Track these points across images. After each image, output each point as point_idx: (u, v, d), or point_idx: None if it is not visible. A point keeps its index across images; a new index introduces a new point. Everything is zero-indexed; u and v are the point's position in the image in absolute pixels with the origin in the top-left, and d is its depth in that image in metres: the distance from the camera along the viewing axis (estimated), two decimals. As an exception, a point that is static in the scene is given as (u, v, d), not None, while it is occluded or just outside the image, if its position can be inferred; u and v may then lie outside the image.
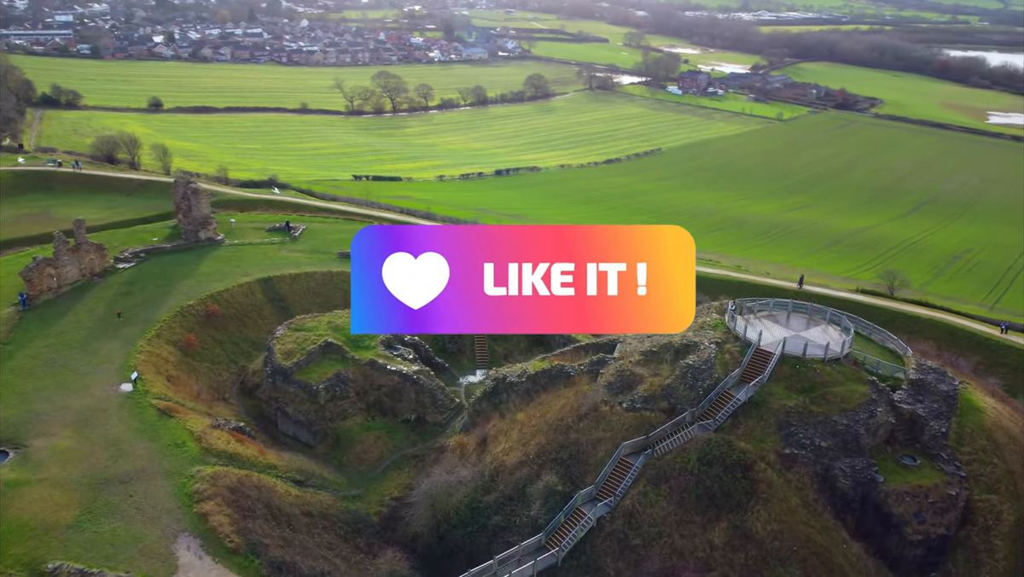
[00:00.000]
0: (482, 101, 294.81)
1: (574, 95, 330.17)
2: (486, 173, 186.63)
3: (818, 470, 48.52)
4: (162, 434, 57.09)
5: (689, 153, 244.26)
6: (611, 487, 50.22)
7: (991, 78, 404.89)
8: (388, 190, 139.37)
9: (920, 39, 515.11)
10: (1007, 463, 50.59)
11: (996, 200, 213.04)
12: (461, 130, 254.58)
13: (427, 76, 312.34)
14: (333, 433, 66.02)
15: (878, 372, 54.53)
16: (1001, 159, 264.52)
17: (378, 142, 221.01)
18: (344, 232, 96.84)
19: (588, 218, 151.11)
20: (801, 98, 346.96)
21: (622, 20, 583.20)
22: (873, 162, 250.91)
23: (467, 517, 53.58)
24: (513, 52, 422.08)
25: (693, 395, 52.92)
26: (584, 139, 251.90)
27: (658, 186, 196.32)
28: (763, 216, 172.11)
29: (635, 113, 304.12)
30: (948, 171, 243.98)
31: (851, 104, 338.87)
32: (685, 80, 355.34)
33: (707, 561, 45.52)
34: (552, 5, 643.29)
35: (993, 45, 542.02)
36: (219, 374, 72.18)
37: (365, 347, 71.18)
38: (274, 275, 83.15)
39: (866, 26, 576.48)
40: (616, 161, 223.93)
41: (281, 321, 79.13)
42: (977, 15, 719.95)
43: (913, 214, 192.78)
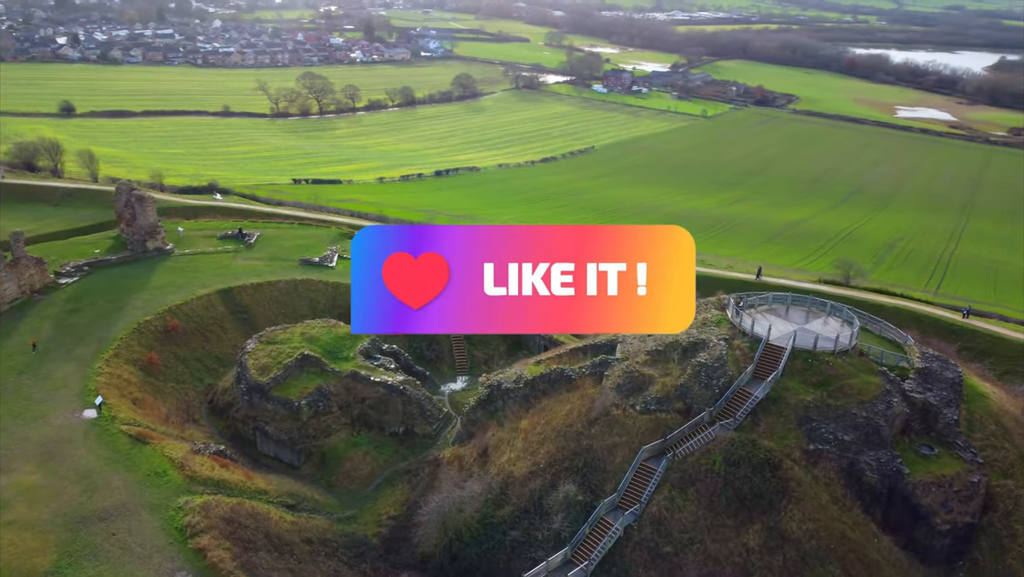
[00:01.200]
0: (410, 102, 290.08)
1: (502, 95, 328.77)
2: (426, 174, 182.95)
3: (843, 465, 47.86)
4: (139, 463, 52.30)
5: (621, 150, 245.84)
6: (634, 494, 48.38)
7: (895, 74, 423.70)
8: (331, 193, 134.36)
9: (826, 37, 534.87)
10: (1018, 447, 51.12)
11: (915, 190, 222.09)
12: (391, 131, 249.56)
13: (351, 77, 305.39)
14: (318, 451, 62.16)
15: (882, 362, 54.43)
16: (913, 151, 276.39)
17: (308, 145, 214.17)
18: (302, 238, 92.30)
19: (536, 217, 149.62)
20: (722, 95, 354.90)
21: (540, 20, 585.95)
22: (798, 156, 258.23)
23: (480, 534, 50.85)
24: (436, 52, 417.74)
25: (709, 394, 51.58)
26: (518, 138, 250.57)
27: (598, 183, 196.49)
28: (704, 211, 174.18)
29: (564, 112, 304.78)
30: (868, 163, 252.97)
31: (770, 101, 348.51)
32: (609, 79, 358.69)
33: (744, 566, 44.17)
34: (470, 5, 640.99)
35: (892, 43, 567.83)
36: (185, 394, 67.17)
37: (344, 358, 67.48)
38: (234, 285, 78.18)
39: (775, 25, 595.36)
40: (552, 160, 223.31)
41: (245, 334, 74.69)
42: (875, 14, 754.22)
43: (843, 205, 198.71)
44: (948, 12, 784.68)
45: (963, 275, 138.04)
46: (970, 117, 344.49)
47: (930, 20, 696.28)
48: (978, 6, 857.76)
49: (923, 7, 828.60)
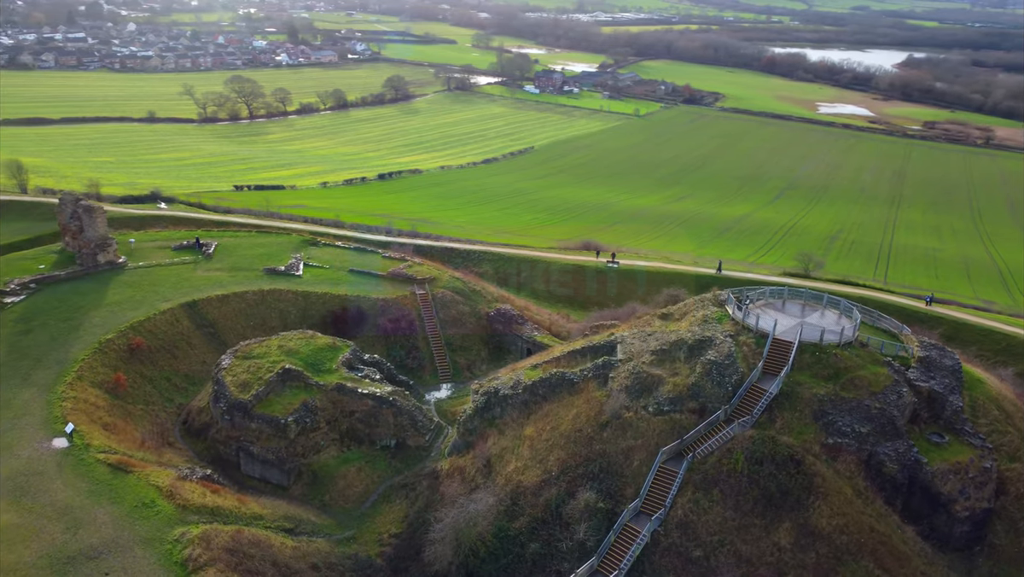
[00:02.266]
0: (342, 104, 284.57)
1: (434, 96, 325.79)
2: (369, 178, 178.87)
3: (862, 457, 47.75)
4: (123, 494, 48.41)
5: (560, 150, 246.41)
6: (656, 498, 47.21)
7: (813, 72, 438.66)
8: (279, 199, 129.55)
9: (745, 37, 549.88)
10: (1021, 430, 52.11)
11: (844, 183, 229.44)
12: (326, 135, 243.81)
13: (279, 80, 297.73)
14: (308, 470, 59.01)
15: (882, 352, 54.78)
16: (837, 145, 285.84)
17: (242, 150, 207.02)
18: (262, 246, 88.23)
19: (488, 218, 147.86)
20: (651, 94, 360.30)
21: (466, 22, 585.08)
22: (730, 152, 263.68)
23: (497, 548, 48.85)
24: (364, 54, 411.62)
25: (722, 392, 50.85)
26: (456, 140, 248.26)
27: (542, 183, 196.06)
28: (651, 209, 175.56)
29: (499, 113, 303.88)
30: (797, 158, 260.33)
31: (698, 99, 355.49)
32: (541, 79, 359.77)
33: (778, 566, 43.48)
34: (394, 7, 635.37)
35: (807, 42, 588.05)
36: (156, 416, 62.84)
37: (327, 370, 64.41)
38: (198, 299, 73.89)
39: (695, 26, 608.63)
40: (494, 160, 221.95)
41: (214, 350, 70.85)
42: (788, 15, 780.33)
43: (779, 200, 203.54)
44: (855, 12, 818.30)
45: (905, 264, 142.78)
46: (886, 112, 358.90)
47: (840, 20, 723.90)
48: (882, 7, 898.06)
49: (831, 8, 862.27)
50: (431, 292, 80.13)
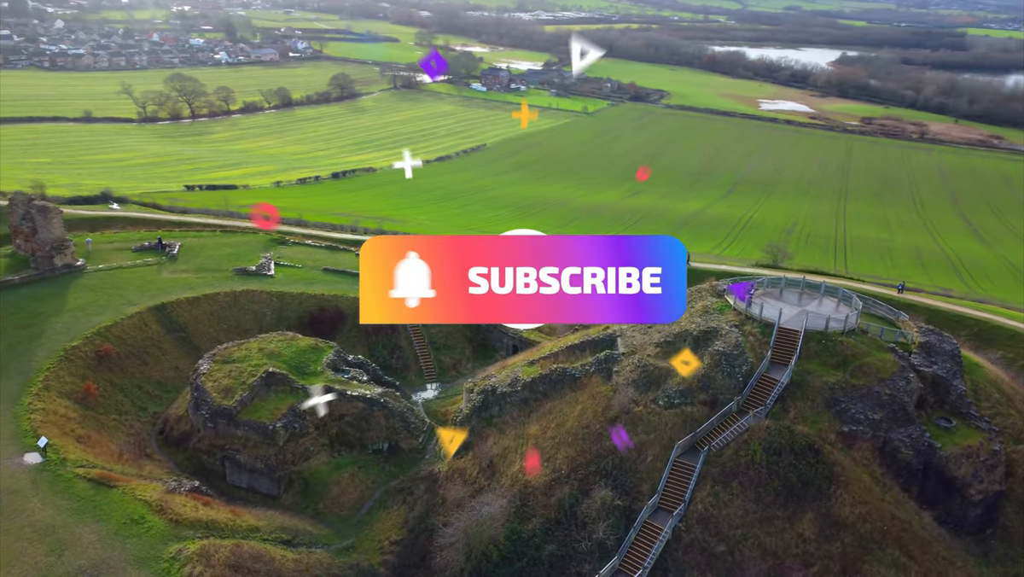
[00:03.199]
0: (287, 103, 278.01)
1: (381, 95, 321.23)
2: (323, 176, 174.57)
3: (876, 444, 47.46)
4: (109, 511, 45.15)
5: (513, 147, 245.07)
6: (674, 493, 46.11)
7: (753, 69, 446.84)
8: (235, 199, 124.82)
9: (685, 36, 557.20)
10: (1021, 412, 52.60)
11: (792, 178, 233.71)
12: (273, 134, 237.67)
13: (219, 79, 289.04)
14: (299, 478, 56.29)
15: (883, 338, 54.78)
16: (782, 141, 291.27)
17: (187, 150, 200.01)
18: (229, 246, 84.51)
19: (451, 215, 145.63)
20: (597, 92, 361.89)
21: (406, 20, 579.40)
22: (680, 148, 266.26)
23: (510, 551, 47.11)
24: (305, 52, 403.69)
25: (733, 383, 50.08)
26: (406, 138, 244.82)
27: (499, 181, 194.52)
28: (609, 204, 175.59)
29: (448, 111, 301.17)
30: (744, 154, 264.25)
31: (644, 96, 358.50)
32: (487, 77, 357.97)
33: (804, 557, 42.78)
34: (333, 5, 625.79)
35: (744, 41, 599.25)
36: (131, 426, 59.29)
37: (312, 373, 61.67)
38: (167, 302, 70.17)
39: (635, 25, 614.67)
40: (447, 158, 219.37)
41: (187, 355, 67.47)
42: (724, 14, 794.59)
43: (732, 195, 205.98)
44: (788, 12, 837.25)
45: (860, 254, 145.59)
46: (825, 108, 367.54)
47: (774, 20, 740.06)
48: (813, 6, 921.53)
49: (765, 7, 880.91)
50: (411, 290, 77.60)
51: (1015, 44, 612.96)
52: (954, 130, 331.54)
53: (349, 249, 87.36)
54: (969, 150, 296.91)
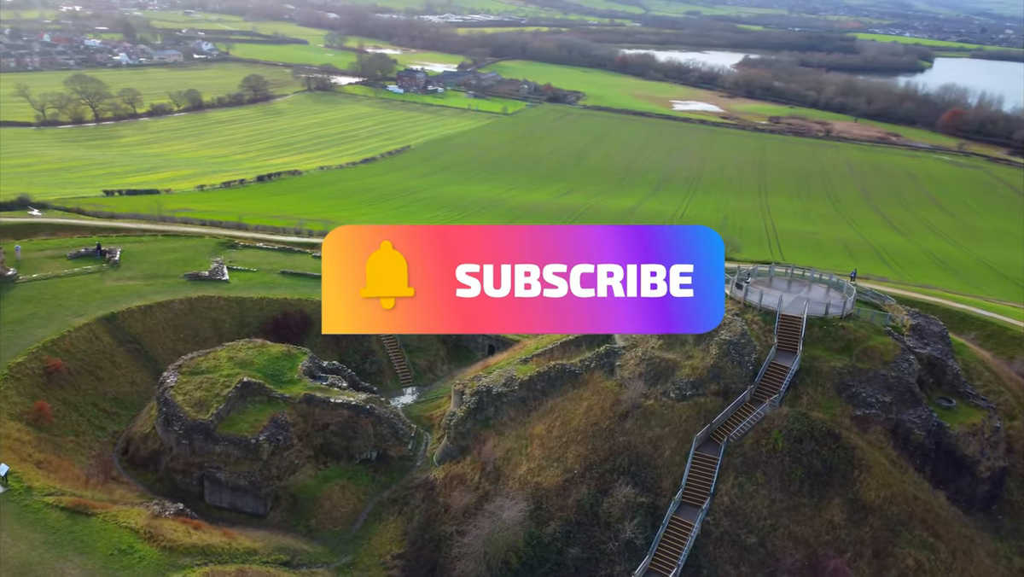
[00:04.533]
0: (198, 106, 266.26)
1: (295, 96, 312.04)
2: (248, 180, 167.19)
3: (888, 427, 47.56)
4: (92, 542, 40.70)
5: (437, 148, 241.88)
6: (698, 487, 44.95)
7: (663, 71, 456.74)
8: (165, 203, 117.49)
9: (595, 39, 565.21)
10: (1010, 389, 54.01)
11: (713, 175, 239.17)
12: (186, 137, 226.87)
13: (122, 80, 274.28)
14: (286, 494, 52.56)
15: (873, 321, 55.27)
16: (698, 140, 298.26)
17: (97, 155, 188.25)
18: (175, 251, 79.02)
19: (389, 217, 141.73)
20: (515, 93, 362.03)
21: (314, 22, 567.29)
22: (602, 148, 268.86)
23: (530, 556, 44.94)
24: (211, 54, 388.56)
25: (743, 372, 49.38)
26: (328, 140, 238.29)
27: (430, 181, 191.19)
28: (545, 203, 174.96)
29: (366, 112, 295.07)
30: (664, 153, 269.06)
31: (561, 97, 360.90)
32: (404, 79, 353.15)
33: (835, 544, 42.30)
34: (235, 6, 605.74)
35: (651, 44, 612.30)
36: (90, 448, 54.17)
37: (289, 381, 57.89)
38: (117, 311, 64.73)
39: (545, 28, 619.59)
40: (372, 160, 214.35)
41: (143, 368, 62.67)
42: (628, 19, 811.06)
43: (659, 192, 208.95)
44: (689, 17, 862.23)
45: (793, 246, 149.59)
46: (735, 109, 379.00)
47: (677, 24, 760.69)
48: (712, 11, 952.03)
49: (666, 12, 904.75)
50: (377, 291, 74.27)
51: (900, 48, 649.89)
52: (855, 128, 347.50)
53: (305, 251, 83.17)
54: (871, 147, 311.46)
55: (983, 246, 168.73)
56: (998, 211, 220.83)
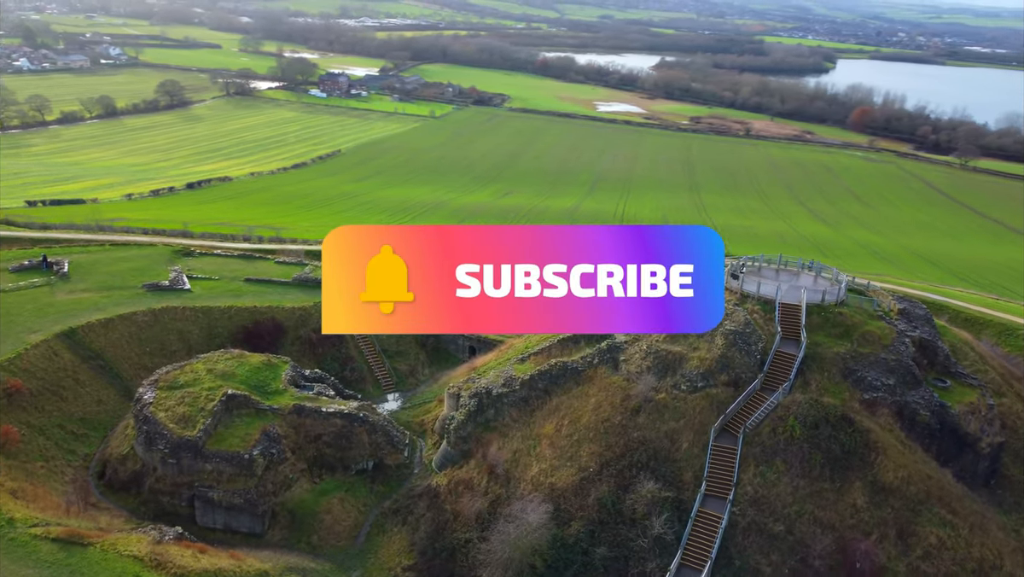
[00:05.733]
0: (112, 112, 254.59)
1: (214, 102, 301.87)
2: (177, 187, 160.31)
3: (894, 409, 48.33)
4: (95, 574, 37.30)
5: (369, 152, 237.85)
6: (720, 478, 44.61)
7: (584, 74, 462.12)
8: (98, 213, 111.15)
9: (514, 42, 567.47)
10: (995, 368, 55.82)
11: (645, 174, 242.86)
12: (103, 145, 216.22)
13: (26, 87, 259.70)
14: (283, 510, 49.87)
15: (862, 307, 56.30)
16: (625, 140, 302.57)
17: (8, 164, 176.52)
18: (128, 260, 74.50)
19: (333, 222, 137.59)
20: (440, 96, 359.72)
21: (226, 26, 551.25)
22: (533, 149, 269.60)
23: (555, 560, 43.73)
24: (120, 59, 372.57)
25: (751, 361, 49.41)
26: (255, 146, 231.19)
27: (367, 185, 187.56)
28: (486, 204, 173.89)
29: (291, 117, 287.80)
30: (595, 153, 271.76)
31: (487, 100, 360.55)
32: (327, 83, 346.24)
33: (860, 527, 42.60)
34: (140, 10, 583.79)
35: (568, 47, 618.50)
36: (63, 473, 50.22)
37: (275, 392, 55.13)
38: (76, 326, 60.31)
39: (464, 31, 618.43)
40: (304, 165, 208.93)
41: (109, 384, 59.06)
42: (544, 22, 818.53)
43: (596, 191, 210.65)
44: (603, 20, 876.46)
45: (735, 240, 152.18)
46: (656, 109, 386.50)
47: (592, 27, 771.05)
48: (624, 15, 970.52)
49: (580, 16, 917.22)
50: (350, 296, 71.66)
51: (805, 50, 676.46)
52: (772, 127, 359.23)
53: (266, 257, 79.75)
54: (789, 144, 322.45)
55: (908, 237, 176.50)
56: (913, 203, 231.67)
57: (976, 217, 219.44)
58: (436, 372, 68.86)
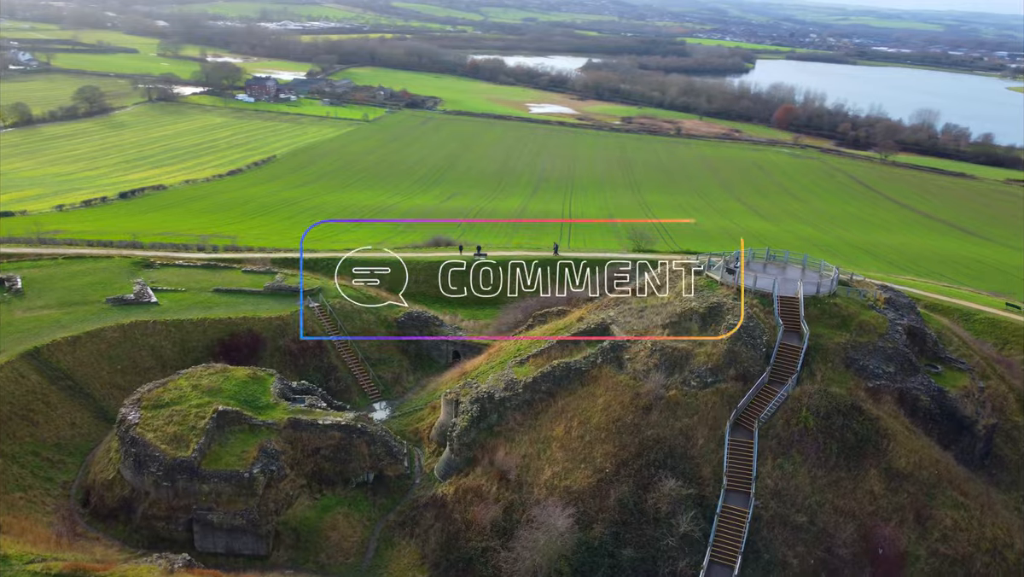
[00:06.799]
0: (28, 120, 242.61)
1: (138, 108, 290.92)
2: (110, 197, 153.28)
3: (895, 395, 49.25)
4: (107, 610, 34.63)
5: (305, 157, 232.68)
6: (739, 472, 44.58)
7: (514, 76, 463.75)
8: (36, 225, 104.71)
9: (441, 45, 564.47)
10: (978, 352, 57.59)
11: (585, 173, 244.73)
12: (23, 154, 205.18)
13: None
14: (287, 529, 47.69)
15: (851, 297, 57.39)
16: (561, 141, 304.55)
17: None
18: (86, 274, 70.41)
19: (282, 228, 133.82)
20: (372, 99, 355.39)
21: (142, 30, 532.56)
22: (472, 151, 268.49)
23: (582, 563, 42.92)
24: (30, 65, 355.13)
25: (758, 355, 49.64)
26: (186, 153, 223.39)
27: (308, 191, 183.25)
28: (432, 208, 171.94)
29: (221, 123, 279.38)
30: (532, 154, 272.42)
31: (419, 103, 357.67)
32: (254, 87, 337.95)
33: (879, 512, 43.17)
34: (48, 14, 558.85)
35: (495, 50, 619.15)
36: (43, 503, 46.84)
37: (266, 406, 52.76)
38: (40, 345, 56.46)
39: (390, 35, 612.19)
40: (239, 172, 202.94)
41: (81, 407, 55.77)
42: (469, 25, 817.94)
43: (539, 192, 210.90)
44: (527, 23, 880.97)
45: (684, 237, 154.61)
46: (588, 110, 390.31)
47: (516, 30, 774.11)
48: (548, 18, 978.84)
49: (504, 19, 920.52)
50: (327, 303, 69.43)
51: (726, 51, 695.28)
52: (701, 126, 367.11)
53: (232, 267, 76.52)
54: (719, 142, 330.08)
55: (844, 229, 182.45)
56: (842, 197, 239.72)
57: (901, 209, 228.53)
58: (421, 378, 67.23)
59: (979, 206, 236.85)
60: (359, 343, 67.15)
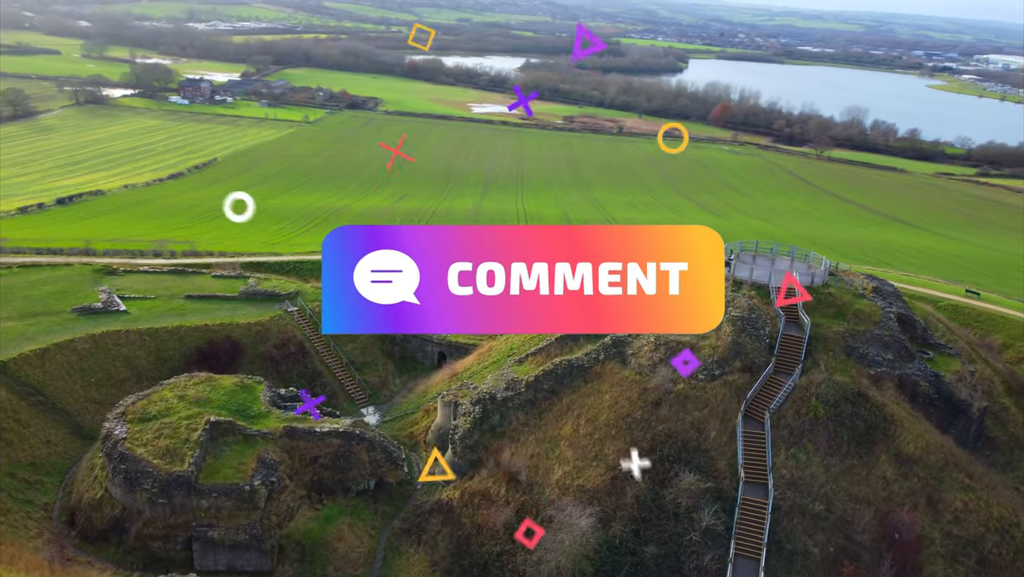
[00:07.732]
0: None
1: (65, 111, 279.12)
2: (47, 203, 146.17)
3: (895, 382, 49.97)
4: (124, 639, 32.36)
5: (247, 160, 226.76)
6: (754, 464, 44.51)
7: (453, 76, 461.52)
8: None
9: (377, 45, 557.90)
10: (963, 337, 59.01)
11: (533, 173, 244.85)
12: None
13: None
14: (291, 543, 45.73)
15: (840, 286, 58.19)
16: (506, 140, 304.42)
17: None
18: (47, 283, 66.53)
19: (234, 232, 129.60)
20: (311, 101, 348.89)
21: (63, 31, 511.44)
22: (417, 152, 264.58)
23: (604, 561, 42.21)
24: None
25: (761, 345, 49.81)
26: (121, 157, 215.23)
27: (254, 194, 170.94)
28: (385, 209, 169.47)
29: (155, 126, 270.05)
30: (479, 154, 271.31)
31: (360, 104, 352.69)
32: (187, 89, 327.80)
33: (892, 498, 43.65)
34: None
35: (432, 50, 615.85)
36: (26, 527, 43.80)
37: (258, 415, 50.69)
38: (6, 359, 53.09)
39: (324, 35, 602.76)
40: (180, 175, 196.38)
41: (55, 423, 52.73)
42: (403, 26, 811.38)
43: (490, 192, 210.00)
44: (461, 24, 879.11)
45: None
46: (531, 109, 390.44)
47: (452, 30, 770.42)
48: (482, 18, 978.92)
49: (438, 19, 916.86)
50: (306, 307, 67.17)
51: (659, 51, 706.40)
52: (642, 124, 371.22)
53: (200, 272, 73.48)
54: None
55: (792, 223, 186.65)
56: (784, 192, 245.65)
57: (840, 202, 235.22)
58: (408, 381, 65.71)
59: (913, 198, 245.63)
60: (341, 346, 65.11)
